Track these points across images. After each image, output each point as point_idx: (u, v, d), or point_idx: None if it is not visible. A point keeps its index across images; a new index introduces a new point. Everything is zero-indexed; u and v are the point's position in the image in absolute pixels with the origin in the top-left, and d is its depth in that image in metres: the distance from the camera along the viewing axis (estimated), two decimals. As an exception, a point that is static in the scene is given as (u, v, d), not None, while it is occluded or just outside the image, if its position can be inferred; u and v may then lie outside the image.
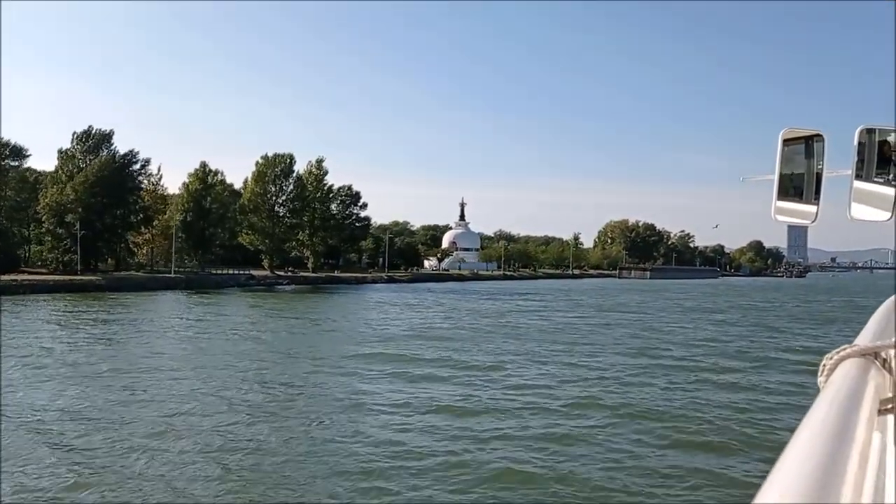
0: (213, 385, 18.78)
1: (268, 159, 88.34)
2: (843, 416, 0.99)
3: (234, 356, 24.32)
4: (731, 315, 49.43)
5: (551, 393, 18.30)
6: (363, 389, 18.72)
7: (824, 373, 1.29)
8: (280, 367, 22.30)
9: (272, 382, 19.59)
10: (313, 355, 24.96)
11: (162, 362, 22.74)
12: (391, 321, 40.44)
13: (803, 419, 0.97)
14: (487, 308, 53.24)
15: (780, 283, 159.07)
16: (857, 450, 0.89)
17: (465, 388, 18.87)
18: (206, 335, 31.14)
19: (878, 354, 1.35)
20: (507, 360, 24.16)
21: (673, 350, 27.89)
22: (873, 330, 1.78)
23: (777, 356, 26.56)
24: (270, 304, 54.56)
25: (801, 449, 0.82)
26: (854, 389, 1.15)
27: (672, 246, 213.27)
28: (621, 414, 15.96)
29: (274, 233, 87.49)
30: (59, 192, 75.69)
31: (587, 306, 57.19)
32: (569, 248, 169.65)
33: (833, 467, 0.78)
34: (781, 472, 0.75)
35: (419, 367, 22.38)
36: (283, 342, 29.24)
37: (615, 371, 22.21)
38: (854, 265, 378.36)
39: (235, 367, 21.97)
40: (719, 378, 21.10)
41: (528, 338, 31.57)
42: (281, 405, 16.64)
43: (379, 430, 14.18)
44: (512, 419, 15.33)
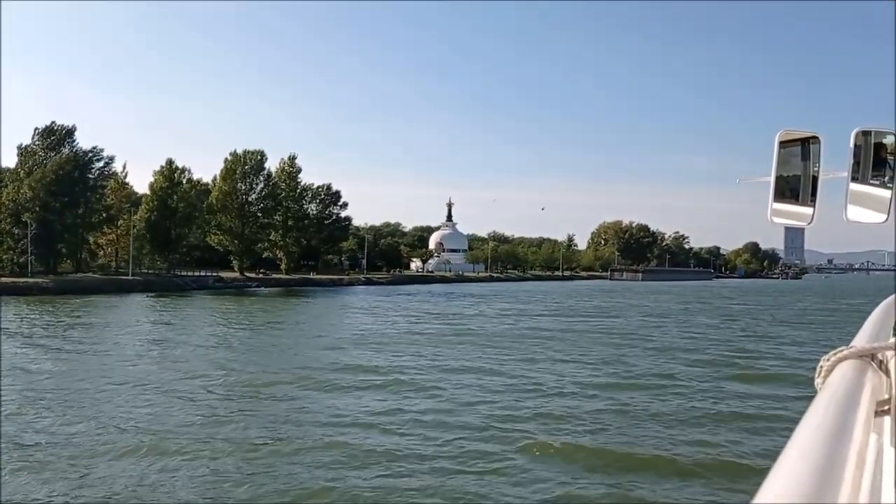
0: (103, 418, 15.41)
1: (237, 156, 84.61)
2: (840, 417, 0.99)
3: (129, 384, 20.65)
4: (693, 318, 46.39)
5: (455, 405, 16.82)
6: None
7: (821, 374, 1.29)
8: (197, 383, 19.58)
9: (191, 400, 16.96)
10: (235, 368, 22.46)
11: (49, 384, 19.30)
12: (341, 328, 37.56)
13: (801, 420, 0.96)
14: (450, 311, 50.71)
15: (771, 285, 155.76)
16: (854, 451, 0.89)
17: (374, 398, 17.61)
18: (112, 349, 27.79)
19: (875, 356, 1.36)
20: (427, 367, 23.02)
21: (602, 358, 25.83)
22: (870, 332, 1.78)
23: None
24: (225, 308, 51.28)
25: (798, 450, 0.82)
26: (851, 391, 1.14)
27: (666, 247, 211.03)
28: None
29: (243, 233, 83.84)
30: (15, 190, 72.46)
31: (555, 310, 54.03)
32: (559, 249, 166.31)
33: (830, 469, 0.78)
34: (779, 472, 0.75)
35: (339, 375, 21.04)
36: (203, 357, 25.74)
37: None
38: (851, 267, 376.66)
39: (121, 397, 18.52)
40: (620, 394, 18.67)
41: (468, 342, 30.37)
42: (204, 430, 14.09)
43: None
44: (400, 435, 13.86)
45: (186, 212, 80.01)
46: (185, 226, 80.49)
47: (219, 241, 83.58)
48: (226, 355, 25.90)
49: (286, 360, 24.48)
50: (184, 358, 24.99)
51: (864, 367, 1.30)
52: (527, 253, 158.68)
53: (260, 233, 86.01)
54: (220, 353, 26.50)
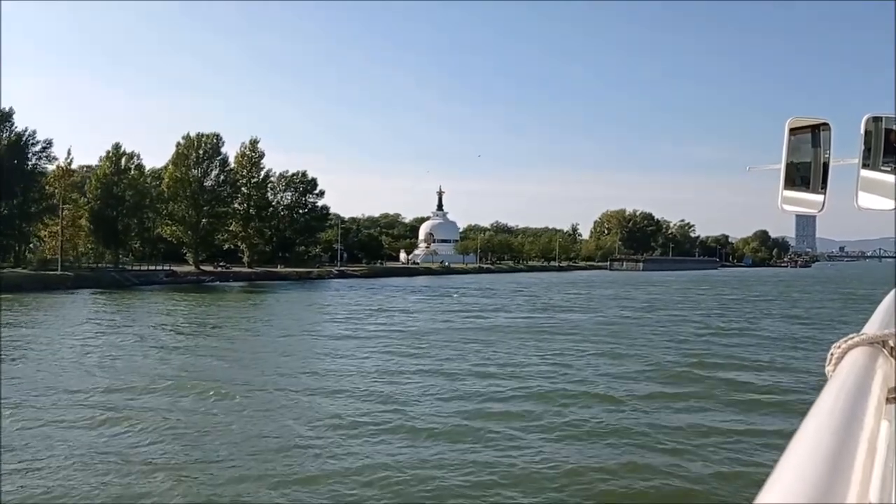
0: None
1: (190, 139, 77.58)
2: (851, 404, 0.98)
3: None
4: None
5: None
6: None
7: (832, 362, 1.28)
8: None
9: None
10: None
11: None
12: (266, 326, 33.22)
13: (811, 407, 0.95)
14: (412, 307, 45.89)
15: (776, 273, 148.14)
16: (865, 438, 0.88)
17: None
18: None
19: (887, 343, 1.34)
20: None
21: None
22: (881, 318, 1.74)
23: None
24: (148, 309, 44.74)
25: (809, 437, 0.82)
26: (862, 378, 1.14)
27: (671, 236, 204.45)
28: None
29: (198, 223, 77.03)
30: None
31: (511, 305, 47.56)
32: (556, 239, 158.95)
33: (841, 455, 0.78)
34: (790, 459, 0.75)
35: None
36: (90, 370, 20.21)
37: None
38: (863, 254, 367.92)
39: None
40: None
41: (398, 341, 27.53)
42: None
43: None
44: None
45: (135, 200, 73.17)
46: (134, 216, 73.72)
47: (171, 232, 76.67)
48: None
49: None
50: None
51: (875, 354, 1.28)
52: (522, 243, 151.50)
53: (216, 223, 78.89)
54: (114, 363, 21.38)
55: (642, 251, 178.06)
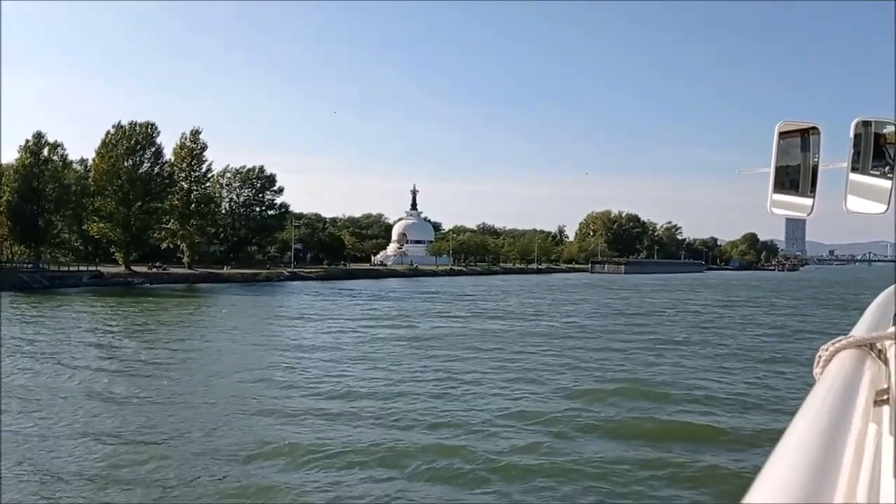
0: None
1: (121, 129, 71.02)
2: (838, 407, 0.98)
3: None
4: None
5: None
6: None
7: (820, 364, 1.27)
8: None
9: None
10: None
11: None
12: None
13: (799, 409, 0.94)
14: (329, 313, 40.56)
15: (760, 276, 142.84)
16: (852, 440, 0.88)
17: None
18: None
19: (874, 346, 1.34)
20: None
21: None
22: (869, 321, 1.76)
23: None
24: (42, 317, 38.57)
25: (796, 439, 0.81)
26: (850, 380, 1.13)
27: (657, 238, 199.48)
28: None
29: (129, 220, 70.69)
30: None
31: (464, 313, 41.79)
32: (536, 240, 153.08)
33: (829, 458, 0.77)
34: (778, 460, 0.74)
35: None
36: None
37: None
38: (853, 258, 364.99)
39: None
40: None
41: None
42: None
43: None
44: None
45: (57, 195, 66.66)
46: (56, 211, 67.19)
47: (98, 229, 70.08)
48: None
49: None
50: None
51: (863, 357, 1.27)
52: (500, 244, 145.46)
53: (149, 219, 72.34)
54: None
55: (627, 253, 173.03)
